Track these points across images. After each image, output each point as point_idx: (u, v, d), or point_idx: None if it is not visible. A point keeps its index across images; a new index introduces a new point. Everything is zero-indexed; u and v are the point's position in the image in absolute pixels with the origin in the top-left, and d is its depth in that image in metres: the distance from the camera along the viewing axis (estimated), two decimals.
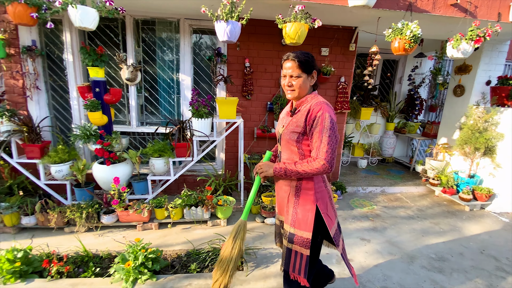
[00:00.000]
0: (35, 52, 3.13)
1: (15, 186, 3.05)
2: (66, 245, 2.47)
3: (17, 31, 3.12)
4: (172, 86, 3.56)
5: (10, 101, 3.21)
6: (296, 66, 1.38)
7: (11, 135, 2.83)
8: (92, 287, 2.00)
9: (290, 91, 1.43)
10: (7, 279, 2.02)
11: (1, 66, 3.13)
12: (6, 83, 3.21)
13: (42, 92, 3.33)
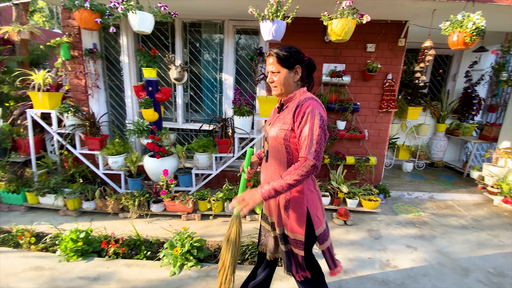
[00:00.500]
0: (96, 54, 3.50)
1: (77, 174, 3.44)
2: (121, 229, 2.72)
3: (80, 35, 3.50)
4: (215, 86, 3.70)
5: (74, 99, 3.63)
6: (275, 62, 1.33)
7: (75, 128, 3.21)
8: (144, 269, 2.19)
9: (273, 87, 1.39)
10: (70, 257, 2.29)
11: (66, 67, 3.55)
12: (70, 82, 3.63)
13: (101, 91, 3.70)
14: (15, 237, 2.51)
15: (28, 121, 3.23)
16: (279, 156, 1.39)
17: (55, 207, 3.07)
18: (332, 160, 3.54)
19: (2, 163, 3.40)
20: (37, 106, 3.16)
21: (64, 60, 3.44)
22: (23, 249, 2.41)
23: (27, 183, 3.21)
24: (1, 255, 2.30)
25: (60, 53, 3.34)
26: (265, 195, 1.25)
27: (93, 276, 2.08)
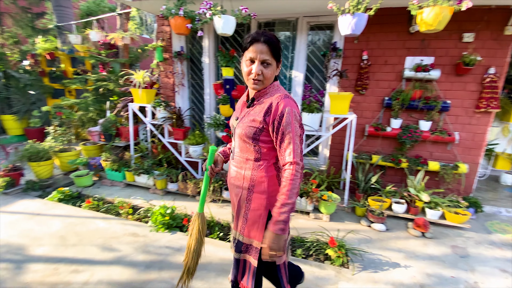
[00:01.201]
0: (183, 56, 3.97)
1: (164, 159, 4.00)
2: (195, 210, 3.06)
3: (171, 39, 4.02)
4: (284, 83, 3.78)
5: (164, 95, 4.20)
6: (269, 51, 1.15)
7: (165, 121, 3.72)
8: (218, 248, 2.42)
9: (257, 81, 1.20)
10: (159, 228, 2.70)
11: (159, 67, 4.12)
12: (162, 81, 4.21)
13: (185, 88, 4.19)
14: (117, 207, 3.10)
15: (129, 113, 3.90)
16: (247, 154, 1.28)
17: (147, 185, 3.65)
18: (411, 165, 3.21)
19: (108, 146, 4.21)
20: (136, 100, 3.79)
21: (158, 62, 4.01)
22: (122, 218, 2.95)
23: (126, 164, 3.89)
24: (106, 221, 2.86)
25: (156, 56, 3.92)
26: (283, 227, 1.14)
27: (177, 247, 2.42)
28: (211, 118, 3.41)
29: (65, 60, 6.24)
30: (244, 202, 1.32)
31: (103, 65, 5.24)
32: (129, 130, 4.07)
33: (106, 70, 5.20)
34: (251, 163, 1.28)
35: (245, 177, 1.30)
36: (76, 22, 6.40)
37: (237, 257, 1.41)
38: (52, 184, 3.72)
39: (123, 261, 2.21)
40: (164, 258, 2.26)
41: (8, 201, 3.19)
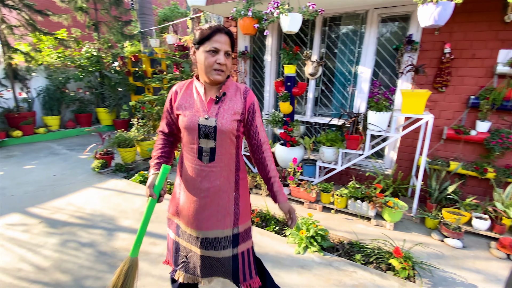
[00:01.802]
0: (246, 55, 4.15)
1: None
2: (254, 202, 3.20)
3: (237, 40, 4.24)
4: (348, 79, 3.61)
5: None
6: (229, 42, 1.17)
7: None
8: (273, 240, 2.50)
9: (220, 71, 1.17)
10: None
11: None
12: None
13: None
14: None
15: None
16: (229, 150, 1.24)
17: None
18: (499, 175, 2.74)
19: None
20: None
21: None
22: None
23: None
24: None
25: None
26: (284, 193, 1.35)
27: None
28: (270, 115, 3.49)
29: (146, 62, 7.16)
30: (233, 196, 1.29)
31: (176, 65, 5.83)
32: None
33: (179, 70, 5.79)
34: (233, 156, 1.27)
35: (230, 172, 1.27)
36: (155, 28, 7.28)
37: (235, 252, 1.31)
38: (134, 168, 4.36)
39: None
40: None
41: (102, 179, 3.86)
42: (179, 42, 5.80)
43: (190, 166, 1.26)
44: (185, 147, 1.27)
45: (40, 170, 4.14)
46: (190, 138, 1.23)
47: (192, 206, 1.27)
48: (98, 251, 2.29)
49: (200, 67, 1.19)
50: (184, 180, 1.30)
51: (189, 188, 1.28)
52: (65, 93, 6.64)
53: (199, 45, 1.17)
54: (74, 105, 6.95)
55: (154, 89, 7.34)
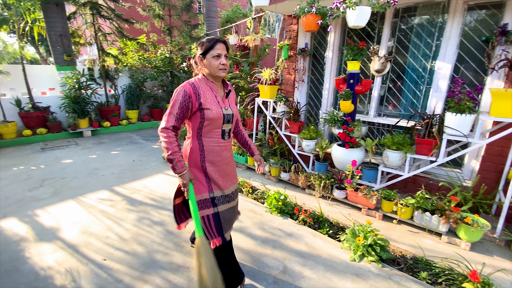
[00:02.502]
0: (306, 52, 4.08)
1: (278, 150, 4.31)
2: (307, 203, 3.16)
3: (297, 37, 4.20)
4: (422, 76, 3.23)
5: (284, 90, 4.48)
6: (226, 48, 1.60)
7: (284, 114, 3.98)
8: (326, 243, 2.43)
9: (224, 70, 1.59)
10: (273, 211, 2.95)
11: (284, 65, 4.40)
12: (284, 77, 4.49)
13: (305, 84, 4.32)
14: (240, 185, 3.61)
15: (255, 106, 4.41)
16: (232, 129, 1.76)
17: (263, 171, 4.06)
18: None
19: None
20: (262, 96, 4.23)
21: (283, 59, 4.31)
22: (244, 195, 3.41)
23: None
24: None
25: (281, 54, 4.22)
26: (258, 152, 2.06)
27: (288, 232, 2.60)
28: (329, 113, 3.37)
29: None
30: (233, 163, 1.83)
31: (237, 64, 6.11)
32: (253, 121, 4.62)
33: (239, 69, 6.05)
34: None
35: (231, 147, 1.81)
36: (219, 30, 7.73)
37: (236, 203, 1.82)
38: None
39: (245, 231, 2.58)
40: (277, 239, 2.48)
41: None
42: (240, 42, 6.05)
43: (215, 145, 1.66)
44: (207, 132, 1.63)
45: (123, 155, 4.87)
46: (216, 125, 1.63)
47: (224, 173, 1.72)
48: (167, 230, 2.59)
49: (210, 68, 1.59)
50: (212, 157, 1.66)
51: (218, 162, 1.68)
52: (143, 90, 7.61)
53: (205, 54, 1.57)
54: (149, 101, 7.91)
55: None
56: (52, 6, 5.88)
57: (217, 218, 1.65)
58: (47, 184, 3.58)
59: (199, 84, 1.59)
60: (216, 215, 1.65)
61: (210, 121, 1.59)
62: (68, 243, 2.37)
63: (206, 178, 1.65)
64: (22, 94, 5.88)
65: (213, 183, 1.66)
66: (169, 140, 1.52)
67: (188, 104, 1.53)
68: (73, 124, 6.03)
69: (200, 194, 1.63)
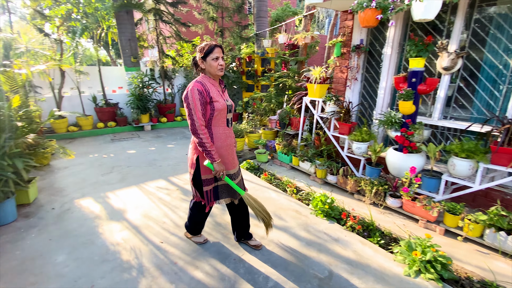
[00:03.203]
0: (361, 49, 3.86)
1: (325, 151, 4.17)
2: (356, 208, 3.00)
3: (352, 33, 3.99)
4: (502, 74, 2.79)
5: (334, 89, 4.31)
6: (221, 51, 1.91)
7: (333, 114, 3.84)
8: (377, 253, 2.28)
9: (221, 69, 1.91)
10: (318, 213, 2.88)
11: (335, 63, 4.23)
12: (335, 76, 4.32)
13: (358, 82, 4.09)
14: (284, 185, 3.61)
15: (302, 105, 4.35)
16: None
17: (308, 172, 3.99)
18: None
19: (281, 133, 4.92)
20: (310, 95, 4.15)
21: (335, 57, 4.15)
22: (288, 194, 3.40)
23: (293, 150, 4.42)
24: (276, 194, 3.40)
25: (334, 51, 4.07)
26: None
27: (334, 237, 2.51)
28: (385, 114, 3.13)
29: (258, 61, 7.81)
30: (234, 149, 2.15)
31: (285, 63, 6.09)
32: (299, 120, 4.56)
33: (287, 68, 6.02)
34: None
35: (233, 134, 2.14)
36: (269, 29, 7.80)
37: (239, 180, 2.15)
38: (242, 155, 4.91)
39: (289, 231, 2.58)
40: (323, 243, 2.41)
41: None
42: (289, 41, 6.01)
43: (223, 132, 1.99)
44: (217, 122, 1.95)
45: (177, 149, 5.29)
46: (223, 114, 1.95)
47: (230, 155, 2.06)
48: (215, 221, 2.74)
49: (210, 69, 1.90)
50: (219, 141, 1.97)
51: (226, 146, 2.01)
52: None
53: (206, 57, 1.88)
54: None
55: (261, 86, 7.93)
56: (123, 14, 6.65)
57: (215, 191, 2.10)
58: (116, 170, 4.09)
59: (204, 82, 1.90)
60: (215, 188, 2.10)
61: (218, 112, 1.91)
62: (132, 224, 2.68)
63: None
64: (97, 91, 6.80)
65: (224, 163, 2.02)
66: (206, 135, 1.84)
67: (204, 99, 1.84)
68: (136, 119, 6.76)
69: (206, 175, 2.01)
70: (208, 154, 1.85)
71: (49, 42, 6.74)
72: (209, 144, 1.84)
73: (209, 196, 2.08)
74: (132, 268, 2.09)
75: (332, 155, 4.19)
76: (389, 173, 3.26)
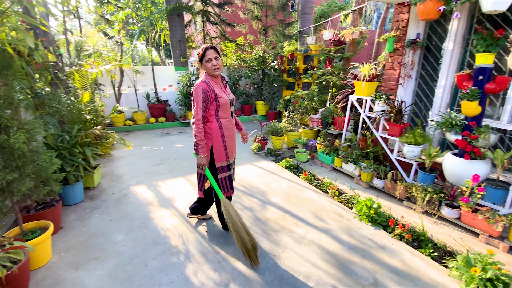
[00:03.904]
0: (417, 44, 3.55)
1: (371, 153, 3.95)
2: (406, 216, 2.80)
3: (407, 27, 3.68)
4: None
5: (385, 87, 4.04)
6: (215, 51, 2.13)
7: (382, 114, 3.61)
8: (428, 266, 2.11)
9: (217, 69, 2.13)
10: (363, 218, 2.75)
11: (386, 59, 3.97)
12: (385, 73, 4.05)
13: (412, 80, 3.78)
14: (325, 186, 3.52)
15: (348, 104, 4.17)
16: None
17: (351, 174, 3.83)
18: None
19: (323, 132, 4.79)
20: (357, 93, 3.96)
21: (387, 53, 3.90)
22: (329, 196, 3.31)
23: (335, 150, 4.28)
24: (316, 194, 3.33)
25: (385, 47, 3.82)
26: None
27: (380, 244, 2.38)
28: (444, 116, 2.85)
29: (300, 59, 7.70)
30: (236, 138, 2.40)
31: (329, 60, 5.90)
32: (343, 120, 4.40)
33: (331, 65, 5.83)
34: None
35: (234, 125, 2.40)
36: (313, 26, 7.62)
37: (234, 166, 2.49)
38: (281, 154, 4.92)
39: (330, 234, 2.52)
40: (367, 249, 2.31)
41: (258, 159, 4.62)
42: (335, 37, 5.80)
43: (229, 123, 2.27)
44: (223, 114, 2.21)
45: None
46: (227, 107, 2.21)
47: (233, 144, 2.35)
48: (255, 216, 2.81)
49: (207, 70, 2.15)
50: (227, 131, 2.23)
51: (231, 135, 2.29)
52: (237, 88, 8.34)
53: (201, 60, 2.13)
54: (241, 98, 8.61)
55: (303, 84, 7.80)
56: (174, 16, 7.12)
57: (230, 178, 2.36)
58: (165, 162, 4.43)
59: (209, 81, 2.14)
60: (230, 176, 2.35)
61: (223, 106, 2.17)
62: (179, 212, 2.88)
63: (225, 149, 2.25)
64: (150, 89, 7.41)
65: (229, 153, 2.29)
66: (199, 130, 2.10)
67: (207, 97, 2.08)
68: (183, 116, 7.20)
69: (221, 162, 2.26)
70: (197, 146, 2.12)
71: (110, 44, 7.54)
72: (199, 138, 2.10)
73: (224, 184, 2.31)
74: (180, 253, 2.26)
75: (379, 157, 3.96)
76: (445, 181, 2.97)
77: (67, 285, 1.93)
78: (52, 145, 2.97)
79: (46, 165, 2.16)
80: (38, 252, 2.04)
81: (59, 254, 2.24)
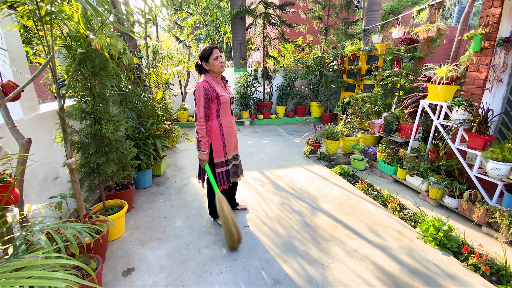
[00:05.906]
0: (511, 43, 2.97)
1: (443, 167, 3.46)
2: (484, 244, 2.38)
3: (498, 23, 3.10)
4: None
5: (466, 92, 3.49)
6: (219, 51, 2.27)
7: (461, 123, 3.12)
8: None
9: (223, 66, 2.30)
10: (428, 240, 2.43)
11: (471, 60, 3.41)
12: (468, 75, 3.48)
13: (503, 85, 3.18)
14: (384, 198, 3.22)
15: (418, 109, 3.74)
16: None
17: (417, 188, 3.42)
18: None
19: (386, 139, 4.39)
20: (431, 97, 3.51)
21: (471, 53, 3.36)
22: (388, 210, 3.02)
23: (399, 160, 3.88)
24: (373, 207, 3.07)
25: (470, 46, 3.30)
26: None
27: (449, 272, 2.08)
28: None
29: (363, 59, 7.22)
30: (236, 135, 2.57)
31: (397, 60, 5.38)
32: (411, 127, 3.96)
33: (399, 66, 5.30)
34: None
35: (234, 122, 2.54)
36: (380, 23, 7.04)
37: (238, 162, 2.66)
38: (335, 159, 4.70)
39: (387, 252, 2.31)
40: (432, 275, 2.04)
41: (309, 163, 4.52)
42: (407, 35, 5.26)
43: (229, 121, 2.41)
44: (224, 112, 2.35)
45: (270, 145, 5.58)
46: (227, 106, 2.34)
47: (233, 140, 2.49)
48: (304, 221, 2.75)
49: (213, 68, 2.27)
50: (226, 129, 2.37)
51: (230, 132, 2.42)
52: (292, 88, 8.28)
53: (207, 59, 2.24)
54: (296, 99, 8.53)
55: (364, 86, 7.29)
56: (237, 20, 7.45)
57: (227, 173, 2.47)
58: None
59: (210, 80, 2.26)
60: (227, 171, 2.47)
61: (224, 104, 2.30)
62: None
63: (223, 146, 2.38)
64: None
65: (227, 150, 2.42)
66: (202, 127, 2.22)
67: (208, 96, 2.20)
68: (239, 115, 7.50)
69: (219, 158, 2.39)
70: (198, 142, 2.24)
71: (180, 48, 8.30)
72: (201, 134, 2.22)
73: (221, 178, 2.45)
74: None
75: (454, 173, 3.44)
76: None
77: (135, 258, 2.21)
78: (131, 135, 3.44)
79: (126, 153, 2.52)
80: (115, 226, 2.40)
81: (129, 231, 2.58)
